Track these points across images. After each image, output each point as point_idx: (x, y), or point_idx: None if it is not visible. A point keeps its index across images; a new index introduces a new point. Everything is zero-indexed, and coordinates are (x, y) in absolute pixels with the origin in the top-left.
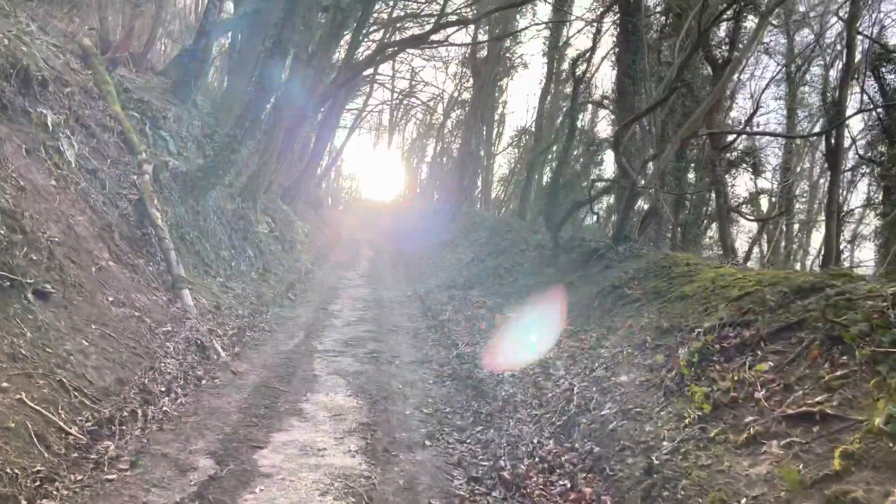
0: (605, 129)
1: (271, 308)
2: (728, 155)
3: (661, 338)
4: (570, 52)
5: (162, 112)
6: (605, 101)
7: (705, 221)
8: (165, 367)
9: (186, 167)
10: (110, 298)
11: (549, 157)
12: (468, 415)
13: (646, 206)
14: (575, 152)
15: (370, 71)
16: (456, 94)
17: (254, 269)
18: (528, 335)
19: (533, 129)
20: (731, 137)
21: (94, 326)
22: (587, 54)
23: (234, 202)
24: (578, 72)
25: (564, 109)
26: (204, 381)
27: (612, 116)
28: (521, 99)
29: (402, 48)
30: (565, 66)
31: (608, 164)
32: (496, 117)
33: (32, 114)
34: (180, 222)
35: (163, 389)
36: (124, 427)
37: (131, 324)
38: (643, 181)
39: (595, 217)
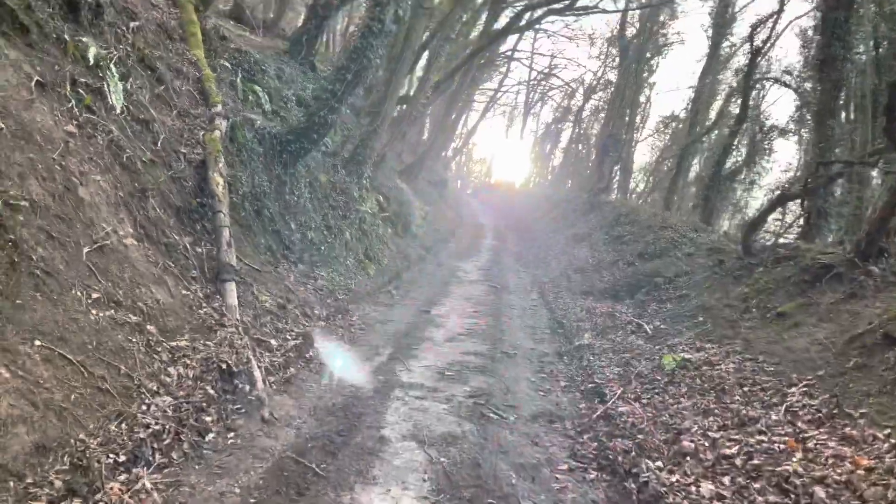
0: (779, 112)
1: (362, 306)
2: None
3: None
4: (737, 27)
5: (261, 65)
6: (788, 78)
7: None
8: (148, 413)
9: (279, 128)
10: (94, 295)
11: (704, 145)
12: None
13: None
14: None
15: (509, 47)
16: (598, 77)
17: (351, 256)
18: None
19: (683, 115)
20: None
21: (38, 342)
22: (770, 19)
23: (335, 174)
24: (758, 41)
25: (724, 92)
26: (208, 439)
27: (795, 95)
28: (670, 82)
29: (547, 13)
30: (730, 41)
31: (781, 155)
32: (642, 99)
33: (69, 43)
34: (258, 193)
35: (119, 460)
36: None
37: (117, 336)
38: None
39: (802, 218)
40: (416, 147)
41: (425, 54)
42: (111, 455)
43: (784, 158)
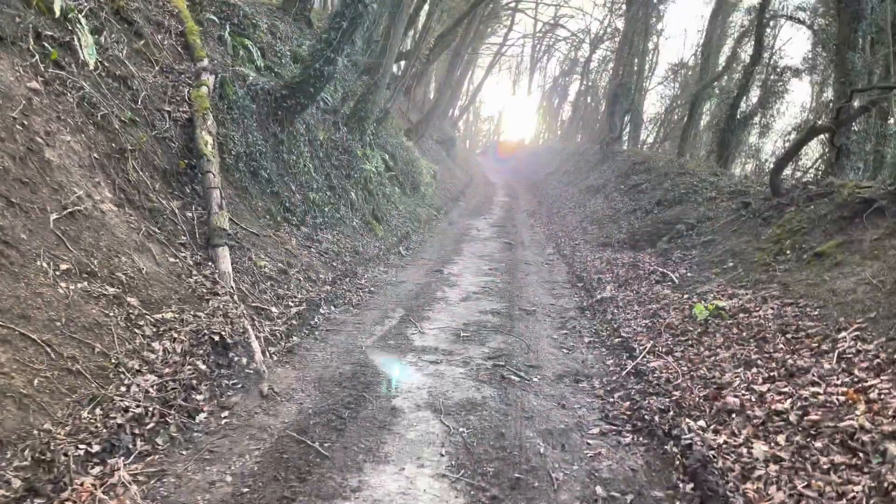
0: (795, 53)
1: (371, 268)
2: None
3: None
4: None
5: (252, 19)
6: (802, 15)
7: None
8: (128, 394)
9: (273, 83)
10: (63, 266)
11: (713, 93)
12: None
13: None
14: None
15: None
16: (605, 25)
17: (357, 217)
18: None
19: (692, 62)
20: None
21: None
22: None
23: (337, 132)
24: None
25: (734, 35)
26: (198, 420)
27: (809, 34)
28: (678, 27)
29: None
30: None
31: (797, 96)
32: (650, 46)
33: None
34: (253, 153)
35: (92, 451)
36: None
37: (91, 311)
38: None
39: (833, 154)
40: (423, 106)
41: (426, 7)
42: (82, 446)
43: (798, 99)
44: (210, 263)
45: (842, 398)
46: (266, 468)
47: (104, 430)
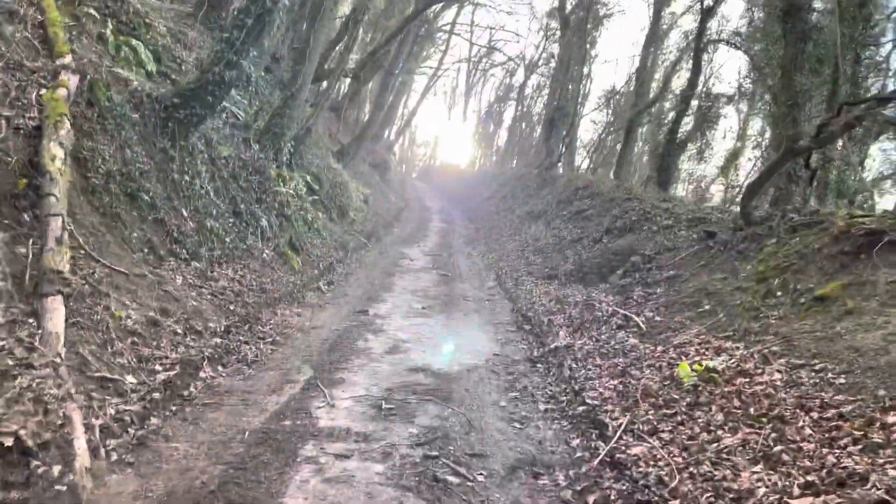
0: (727, 78)
1: (281, 310)
2: None
3: None
4: None
5: (145, 18)
6: (738, 40)
7: None
8: None
9: (162, 91)
10: None
11: (648, 118)
12: None
13: None
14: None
15: (449, 21)
16: (540, 51)
17: (269, 247)
18: None
19: (623, 89)
20: None
21: None
22: None
23: (247, 150)
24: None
25: (669, 61)
26: None
27: (748, 57)
28: (610, 54)
29: None
30: (673, 8)
31: (729, 122)
32: (585, 71)
33: None
34: (132, 172)
35: None
36: None
37: None
38: None
39: (810, 179)
40: (356, 128)
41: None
42: None
43: (734, 125)
44: (31, 321)
45: None
46: None
47: None
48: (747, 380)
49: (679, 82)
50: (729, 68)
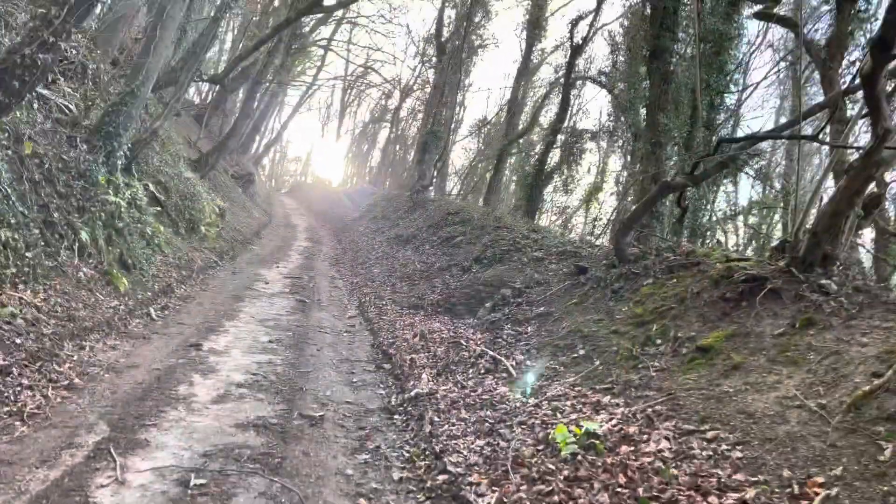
0: (594, 114)
1: (91, 343)
2: None
3: None
4: (553, 25)
5: None
6: (604, 78)
7: None
8: None
9: None
10: None
11: (518, 148)
12: None
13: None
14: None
15: (325, 35)
16: (416, 75)
17: (89, 264)
18: None
19: (494, 119)
20: None
21: None
22: (589, 16)
23: (71, 149)
24: (577, 37)
25: (536, 96)
26: None
27: (611, 96)
28: (483, 84)
29: None
30: (544, 44)
31: (593, 157)
32: (459, 99)
33: None
34: None
35: None
36: None
37: None
38: None
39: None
40: (216, 134)
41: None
42: None
43: (593, 159)
44: None
45: None
46: None
47: None
48: (632, 448)
49: (548, 116)
50: (594, 105)
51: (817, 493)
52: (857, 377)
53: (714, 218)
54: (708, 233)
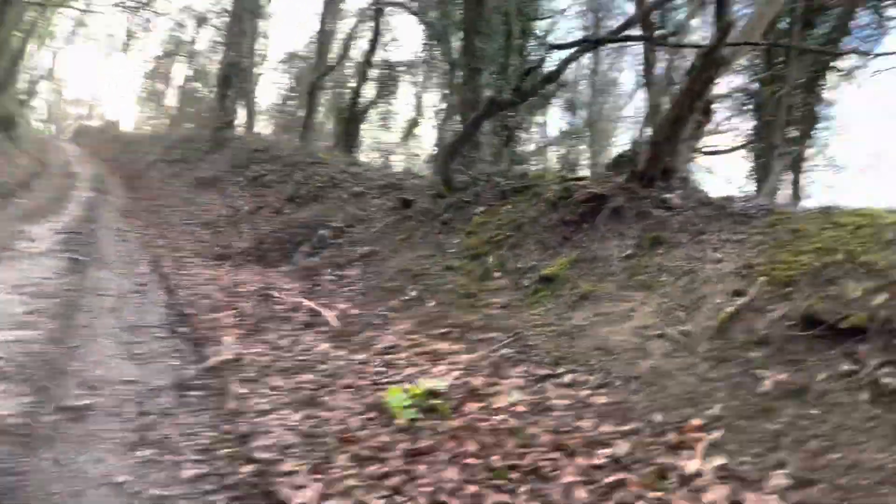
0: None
1: None
2: None
3: None
4: None
5: None
6: (416, 5)
7: None
8: None
9: None
10: None
11: (331, 84)
12: None
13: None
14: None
15: None
16: (214, 3)
17: None
18: None
19: (305, 53)
20: None
21: None
22: None
23: None
24: None
25: (346, 31)
26: None
27: (424, 24)
28: (292, 13)
29: None
30: None
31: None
32: (262, 27)
33: None
34: None
35: None
36: None
37: None
38: None
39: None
40: None
41: None
42: None
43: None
44: None
45: None
46: None
47: None
48: (481, 405)
49: (361, 49)
50: (409, 36)
51: (698, 440)
52: (717, 297)
53: (529, 148)
54: (525, 164)
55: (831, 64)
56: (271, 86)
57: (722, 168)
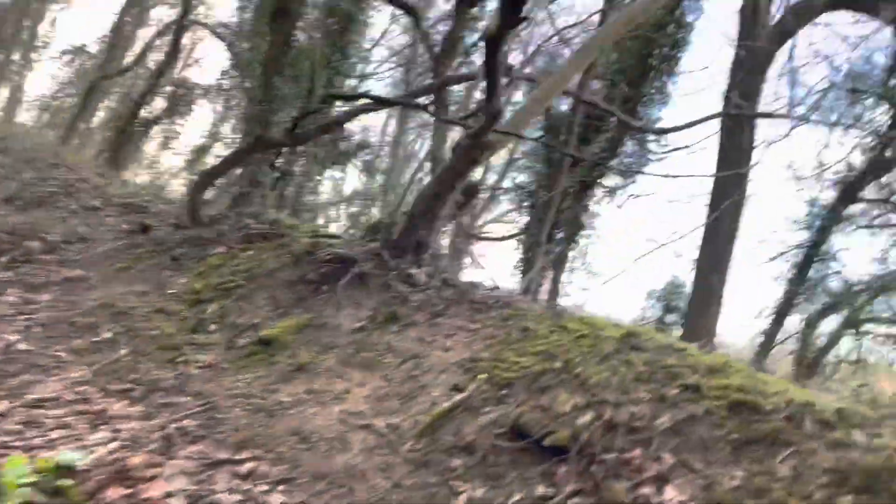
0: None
1: None
2: None
3: None
4: None
5: None
6: (226, 32)
7: None
8: None
9: None
10: None
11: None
12: None
13: None
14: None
15: None
16: None
17: None
18: None
19: (97, 50)
20: None
21: None
22: None
23: None
24: None
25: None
26: None
27: (230, 53)
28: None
29: None
30: None
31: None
32: (47, 15)
33: None
34: None
35: None
36: None
37: None
38: None
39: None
40: None
41: None
42: None
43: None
44: None
45: None
46: None
47: None
48: (128, 492)
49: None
50: (215, 61)
51: None
52: (436, 389)
53: (319, 201)
54: (310, 214)
55: (598, 180)
56: (49, 78)
57: (497, 255)
